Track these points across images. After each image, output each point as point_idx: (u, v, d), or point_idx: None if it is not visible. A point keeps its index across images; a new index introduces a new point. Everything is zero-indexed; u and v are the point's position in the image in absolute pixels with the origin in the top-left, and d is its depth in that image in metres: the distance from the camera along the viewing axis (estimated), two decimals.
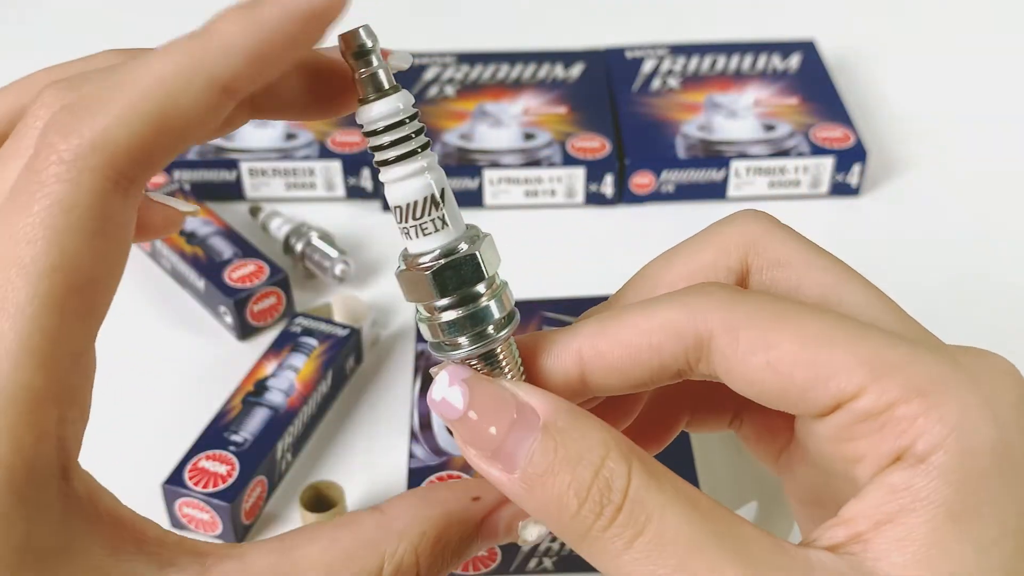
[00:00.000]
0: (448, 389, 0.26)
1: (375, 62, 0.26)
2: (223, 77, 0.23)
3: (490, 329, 0.27)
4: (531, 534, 0.28)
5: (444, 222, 0.26)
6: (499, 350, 0.27)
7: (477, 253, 0.27)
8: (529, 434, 0.25)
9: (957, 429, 0.23)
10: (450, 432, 0.27)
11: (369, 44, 0.25)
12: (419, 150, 0.26)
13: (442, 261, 0.26)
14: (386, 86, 0.26)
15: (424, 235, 0.26)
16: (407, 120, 0.26)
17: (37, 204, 0.22)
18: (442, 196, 0.26)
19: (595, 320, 0.28)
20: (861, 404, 0.24)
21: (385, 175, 0.26)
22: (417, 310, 0.28)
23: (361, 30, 0.25)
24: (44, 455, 0.22)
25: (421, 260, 0.27)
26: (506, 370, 0.27)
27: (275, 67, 0.24)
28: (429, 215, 0.26)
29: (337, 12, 0.24)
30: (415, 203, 0.26)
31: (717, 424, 0.32)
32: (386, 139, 0.26)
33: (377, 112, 0.26)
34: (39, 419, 0.22)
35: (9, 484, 0.22)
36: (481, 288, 0.27)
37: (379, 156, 0.26)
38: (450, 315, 0.27)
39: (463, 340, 0.27)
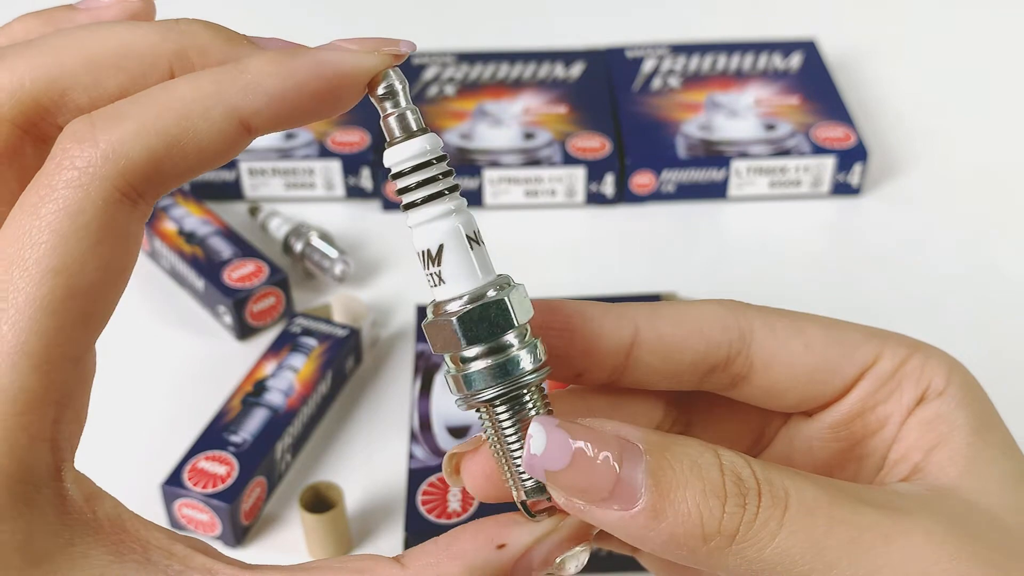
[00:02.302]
0: (548, 440, 0.25)
1: (403, 103, 0.25)
2: (243, 111, 0.23)
3: (520, 379, 0.26)
4: (571, 566, 0.27)
5: (472, 267, 0.26)
6: (528, 400, 0.26)
7: (506, 298, 0.25)
8: (636, 462, 0.24)
9: (954, 368, 0.28)
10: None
11: (398, 85, 0.25)
12: (447, 192, 0.25)
13: (470, 307, 0.25)
14: (414, 127, 0.25)
15: (451, 281, 0.26)
16: (435, 161, 0.25)
17: (45, 208, 0.22)
18: (471, 240, 0.26)
19: (643, 303, 0.29)
20: (883, 366, 0.28)
21: (412, 218, 0.26)
22: (445, 364, 0.27)
23: (391, 71, 0.25)
24: (38, 457, 0.22)
25: (448, 307, 0.26)
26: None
27: (299, 116, 0.24)
28: (457, 259, 0.26)
29: (367, 77, 0.25)
30: (442, 247, 0.25)
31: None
32: (413, 180, 0.25)
33: (405, 153, 0.25)
34: (33, 421, 0.22)
35: (4, 485, 0.22)
36: (511, 337, 0.26)
37: (406, 199, 0.26)
38: (480, 364, 0.26)
39: (493, 390, 0.26)
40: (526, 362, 0.26)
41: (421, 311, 0.61)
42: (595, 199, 0.71)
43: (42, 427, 0.22)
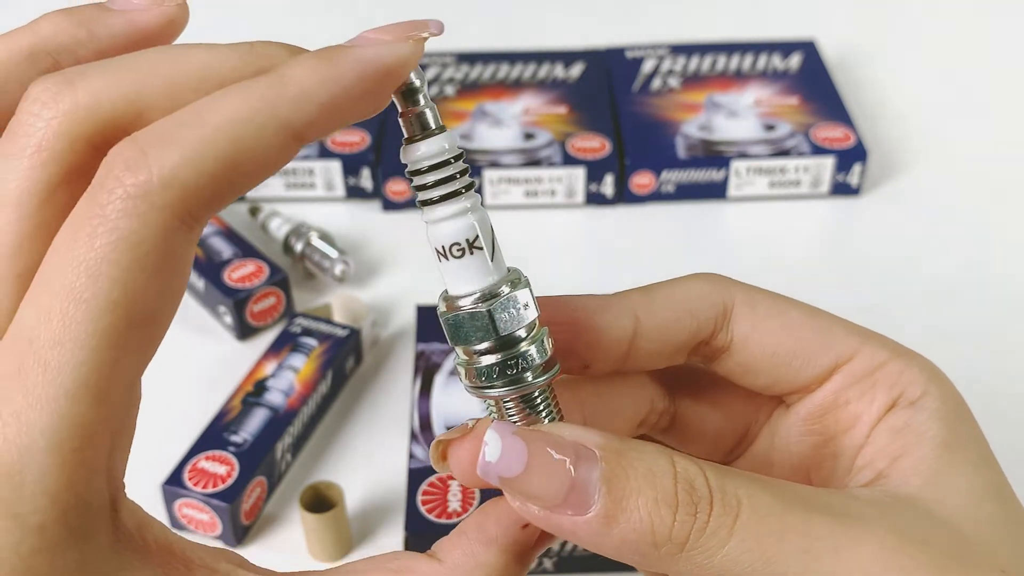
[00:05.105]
0: (503, 447, 0.25)
1: (422, 101, 0.25)
2: (296, 125, 0.23)
3: (529, 375, 0.26)
4: None
5: (486, 264, 0.26)
6: (537, 395, 0.27)
7: (518, 296, 0.26)
8: (592, 469, 0.25)
9: (934, 379, 0.28)
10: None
11: (417, 83, 0.25)
12: (463, 190, 0.26)
13: (481, 305, 0.26)
14: (432, 126, 0.26)
15: (465, 277, 0.26)
16: (452, 160, 0.26)
17: (100, 239, 0.21)
18: (485, 238, 0.26)
19: (636, 289, 0.29)
20: (859, 363, 0.29)
21: (428, 215, 0.26)
22: (456, 353, 0.27)
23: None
24: (95, 490, 0.22)
25: (461, 303, 0.26)
26: (543, 414, 0.27)
27: (346, 118, 0.24)
28: (471, 257, 0.26)
29: (407, 70, 0.24)
30: (457, 244, 0.26)
31: None
32: (430, 179, 0.26)
33: (423, 152, 0.26)
34: (92, 455, 0.22)
35: (62, 518, 0.22)
36: (522, 332, 0.26)
37: (422, 196, 0.26)
38: (490, 359, 0.26)
39: (502, 384, 0.27)
40: (534, 357, 0.26)
41: (421, 311, 0.61)
42: (595, 199, 0.71)
43: (99, 459, 0.22)
